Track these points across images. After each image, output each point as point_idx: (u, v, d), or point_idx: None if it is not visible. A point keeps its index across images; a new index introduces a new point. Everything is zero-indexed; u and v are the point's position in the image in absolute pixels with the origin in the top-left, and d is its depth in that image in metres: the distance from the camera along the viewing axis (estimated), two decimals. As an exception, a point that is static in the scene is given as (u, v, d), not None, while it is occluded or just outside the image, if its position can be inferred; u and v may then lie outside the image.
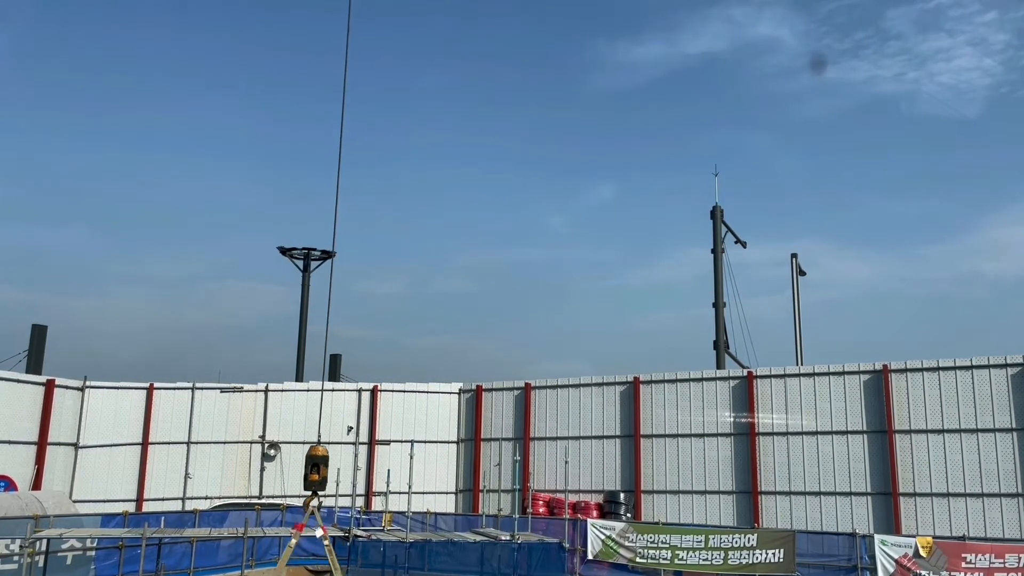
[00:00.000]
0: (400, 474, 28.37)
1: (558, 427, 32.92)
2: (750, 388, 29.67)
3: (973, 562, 20.62)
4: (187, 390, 33.31)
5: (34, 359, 31.63)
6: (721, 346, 36.52)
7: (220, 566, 24.25)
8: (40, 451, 29.42)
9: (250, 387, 34.03)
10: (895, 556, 21.18)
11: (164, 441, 32.51)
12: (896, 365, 27.81)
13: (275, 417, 33.79)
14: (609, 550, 23.84)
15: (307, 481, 13.94)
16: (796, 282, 38.68)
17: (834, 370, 28.74)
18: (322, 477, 14.02)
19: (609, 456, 31.79)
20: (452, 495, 34.21)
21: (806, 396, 28.93)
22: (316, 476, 14.00)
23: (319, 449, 14.10)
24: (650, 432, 31.12)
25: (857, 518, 27.22)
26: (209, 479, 32.54)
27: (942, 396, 27.03)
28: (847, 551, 21.78)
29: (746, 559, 22.21)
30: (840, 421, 28.31)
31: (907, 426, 27.30)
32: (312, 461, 13.99)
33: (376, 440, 33.98)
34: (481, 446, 34.12)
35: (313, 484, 14.04)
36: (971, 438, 26.49)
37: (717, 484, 29.74)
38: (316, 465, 14.00)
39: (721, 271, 37.37)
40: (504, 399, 34.34)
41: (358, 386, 34.89)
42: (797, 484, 28.51)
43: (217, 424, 33.17)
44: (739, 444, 29.64)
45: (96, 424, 31.59)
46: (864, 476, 27.68)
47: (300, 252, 41.58)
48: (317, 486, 14.08)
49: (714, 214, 37.98)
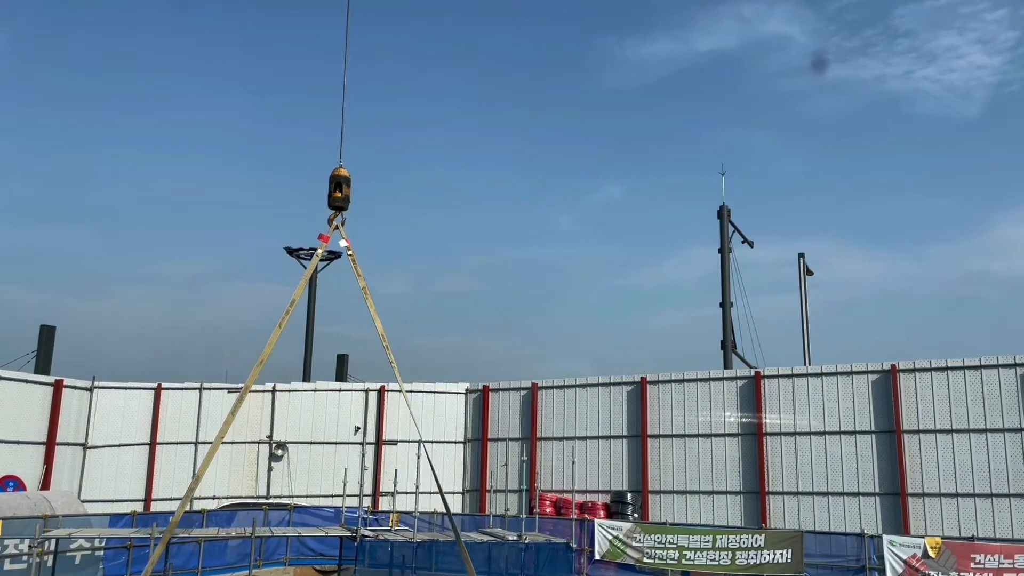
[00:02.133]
0: (407, 474, 28.36)
1: (565, 427, 32.90)
2: (758, 388, 29.61)
3: (982, 562, 20.53)
4: (195, 390, 33.40)
5: (42, 359, 31.73)
6: (728, 346, 36.44)
7: (228, 566, 24.31)
8: (49, 451, 29.54)
9: (257, 387, 34.10)
10: (904, 556, 21.11)
11: (172, 441, 32.61)
12: (904, 365, 27.71)
13: (282, 417, 33.87)
14: (616, 550, 23.81)
15: (331, 198, 14.79)
16: (803, 282, 38.56)
17: (842, 370, 28.66)
18: (344, 195, 14.84)
19: (616, 456, 31.76)
20: (459, 495, 34.22)
21: (814, 396, 28.85)
22: (339, 193, 14.79)
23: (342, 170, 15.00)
24: (657, 432, 31.08)
25: (865, 518, 27.14)
26: (217, 479, 32.61)
27: (951, 396, 26.93)
28: (855, 551, 21.71)
29: (754, 559, 22.15)
30: (848, 421, 28.24)
31: (916, 426, 27.21)
32: (336, 180, 14.81)
33: (383, 440, 34.03)
34: (488, 446, 34.12)
35: (336, 200, 14.82)
36: (980, 438, 26.38)
37: (725, 484, 29.68)
38: (339, 184, 14.75)
39: (728, 271, 37.29)
40: (511, 399, 34.34)
41: (365, 386, 34.94)
42: (805, 484, 28.44)
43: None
44: (747, 444, 29.59)
45: (104, 424, 31.70)
46: (872, 476, 27.59)
47: (307, 252, 41.66)
48: (341, 202, 14.87)
49: (721, 214, 37.90)
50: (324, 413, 34.18)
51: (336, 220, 14.80)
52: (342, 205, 14.73)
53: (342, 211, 14.78)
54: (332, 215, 14.84)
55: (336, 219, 14.80)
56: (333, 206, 14.72)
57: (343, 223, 14.79)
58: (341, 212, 14.79)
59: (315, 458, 33.63)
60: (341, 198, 14.72)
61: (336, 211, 14.76)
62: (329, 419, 34.12)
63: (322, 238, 14.76)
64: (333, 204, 14.72)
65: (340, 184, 14.75)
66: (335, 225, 14.81)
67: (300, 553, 26.46)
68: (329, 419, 34.12)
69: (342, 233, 14.79)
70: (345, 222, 14.77)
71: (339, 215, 14.81)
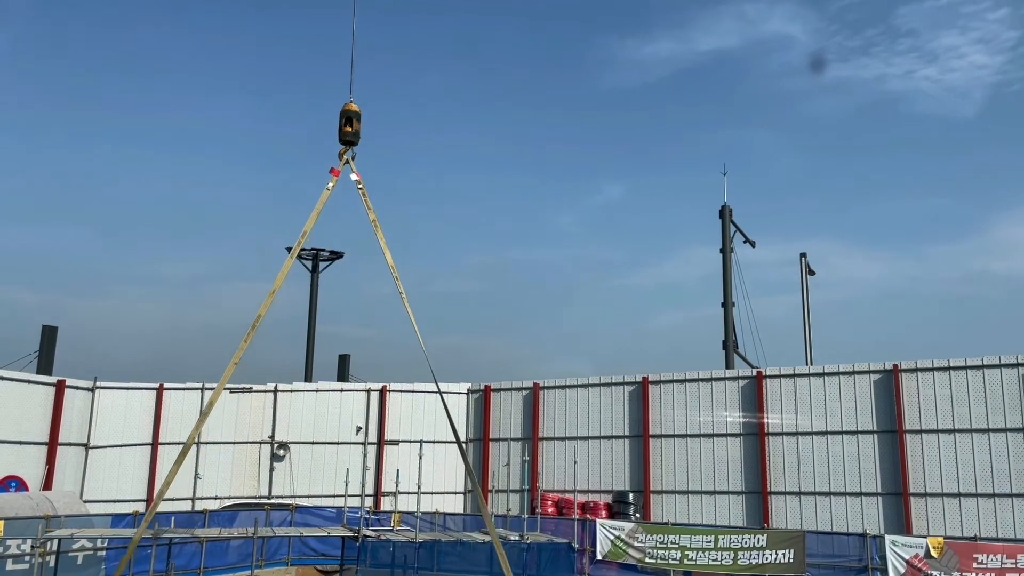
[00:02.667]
0: (409, 474, 28.37)
1: (567, 427, 32.90)
2: (759, 388, 29.60)
3: (985, 562, 20.50)
4: (196, 390, 33.41)
5: (44, 360, 31.77)
6: (730, 346, 36.44)
7: (230, 566, 24.31)
8: (51, 451, 29.56)
9: (259, 387, 34.13)
10: (906, 556, 21.08)
11: (174, 441, 32.59)
12: (906, 365, 27.69)
13: (284, 417, 33.88)
14: (618, 550, 23.80)
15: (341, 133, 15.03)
16: (805, 281, 38.55)
17: (844, 370, 28.65)
18: (355, 130, 15.08)
19: (618, 456, 31.75)
20: (461, 495, 34.23)
21: (816, 396, 28.84)
22: (349, 128, 15.00)
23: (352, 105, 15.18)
24: (659, 432, 31.07)
25: (867, 518, 27.13)
26: (219, 479, 32.64)
27: (953, 396, 26.91)
28: (858, 551, 21.68)
29: (756, 559, 22.14)
30: (850, 421, 28.22)
31: (918, 426, 27.19)
32: (346, 115, 15.01)
33: (385, 440, 34.03)
34: (490, 446, 34.12)
35: (347, 134, 15.03)
36: (982, 438, 26.36)
37: (727, 484, 29.67)
38: (350, 119, 14.92)
39: (730, 271, 37.29)
40: (513, 399, 34.34)
41: (367, 386, 34.95)
42: (807, 484, 28.42)
43: (226, 424, 33.27)
44: (749, 444, 29.57)
45: (106, 424, 31.73)
46: (874, 476, 27.58)
47: (309, 252, 41.67)
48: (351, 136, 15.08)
49: (723, 213, 37.90)
50: (326, 413, 34.20)
51: (347, 155, 15.06)
52: (352, 139, 15.01)
53: (352, 145, 15.05)
54: (343, 150, 15.09)
55: (347, 154, 15.06)
56: (343, 140, 14.99)
57: (353, 157, 15.06)
58: (351, 147, 15.06)
59: (317, 458, 33.65)
60: (351, 133, 14.99)
61: (347, 146, 15.02)
62: (331, 419, 34.14)
63: (333, 172, 14.98)
64: (344, 139, 15.00)
65: (350, 119, 15.03)
66: (345, 159, 15.05)
67: (302, 553, 26.47)
68: (331, 419, 34.14)
69: (352, 167, 15.08)
70: (355, 156, 15.01)
71: (349, 150, 15.08)
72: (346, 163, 15.03)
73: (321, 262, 41.87)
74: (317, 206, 14.57)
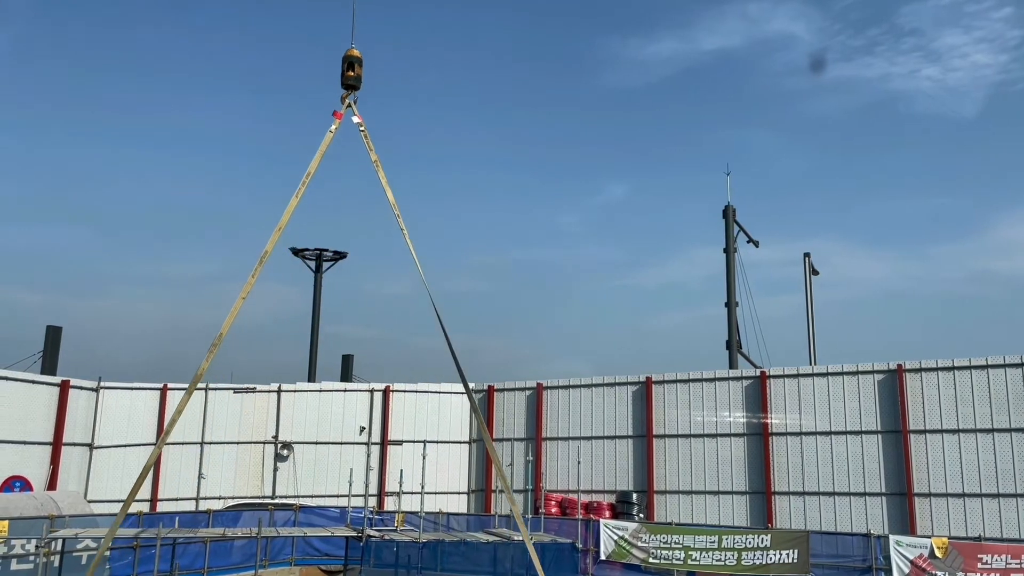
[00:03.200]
0: (412, 474, 28.40)
1: (570, 427, 32.89)
2: (763, 388, 29.57)
3: (989, 563, 20.46)
4: (200, 391, 33.40)
5: (49, 360, 31.81)
6: (734, 346, 36.40)
7: (233, 566, 24.34)
8: (55, 451, 29.60)
9: (263, 387, 34.16)
10: (910, 557, 21.05)
11: (178, 441, 32.63)
12: (911, 365, 27.64)
13: (288, 417, 33.91)
14: (622, 550, 23.79)
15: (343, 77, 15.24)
16: (809, 281, 38.51)
17: (848, 370, 28.60)
18: (356, 75, 15.33)
19: (621, 456, 31.74)
20: (464, 495, 34.23)
21: (820, 396, 28.80)
22: (351, 73, 15.25)
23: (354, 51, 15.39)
24: (663, 432, 31.05)
25: (872, 518, 27.08)
26: (222, 479, 32.67)
27: (957, 396, 26.86)
28: (862, 552, 21.66)
29: (760, 560, 22.12)
30: (854, 421, 28.17)
31: (922, 426, 27.14)
32: (348, 60, 15.24)
33: (388, 440, 34.04)
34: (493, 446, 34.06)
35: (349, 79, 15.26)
36: (987, 438, 26.31)
37: (730, 484, 29.64)
38: (352, 64, 15.11)
39: (734, 270, 37.26)
40: (516, 399, 34.33)
41: (370, 386, 34.96)
42: (811, 484, 28.39)
43: (230, 424, 33.31)
44: (752, 444, 29.54)
45: (110, 424, 31.77)
46: (879, 476, 27.53)
47: (312, 253, 41.69)
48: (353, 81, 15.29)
49: (726, 213, 37.86)
50: (329, 413, 34.22)
51: (348, 99, 15.20)
52: (354, 84, 15.16)
53: (354, 90, 15.20)
54: (344, 94, 15.22)
55: (348, 98, 15.20)
56: (346, 85, 15.14)
57: (355, 102, 15.20)
58: (353, 91, 15.21)
59: (320, 458, 33.67)
60: (353, 77, 15.13)
61: (348, 90, 15.16)
62: (334, 419, 34.17)
63: (336, 115, 15.16)
64: (346, 83, 15.15)
65: (352, 64, 15.12)
66: (347, 103, 15.18)
67: (306, 553, 26.50)
68: (334, 419, 34.17)
69: (354, 111, 15.25)
70: (357, 100, 15.15)
71: (351, 94, 15.23)
72: (348, 107, 15.21)
73: (324, 262, 41.89)
74: (321, 147, 14.84)
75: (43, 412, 29.52)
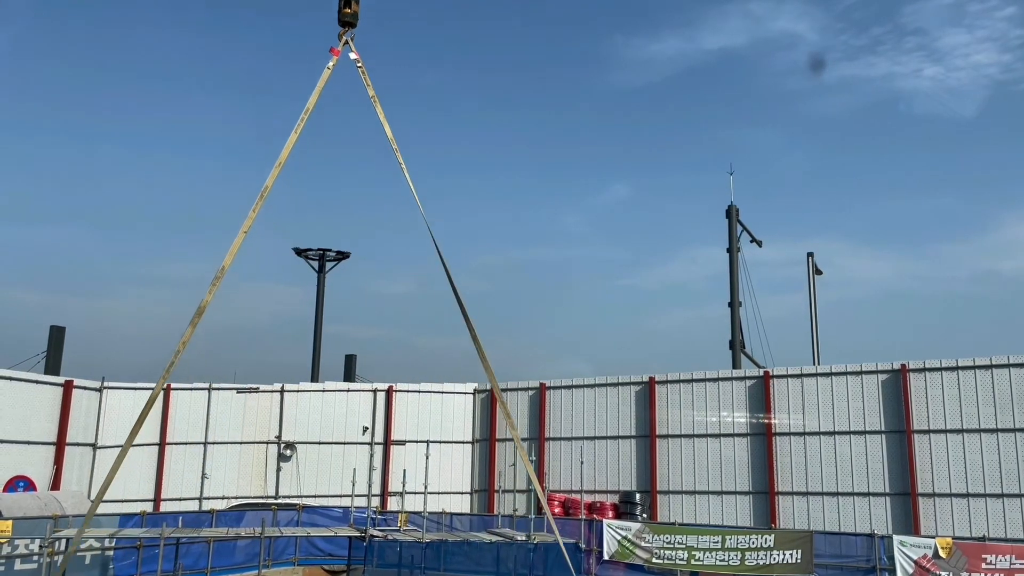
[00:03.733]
0: (415, 474, 28.34)
1: (573, 427, 32.88)
2: (767, 388, 29.54)
3: (993, 563, 20.43)
4: (204, 391, 33.47)
5: (52, 360, 31.85)
6: (737, 346, 36.37)
7: (237, 566, 24.36)
8: (59, 451, 29.64)
9: (266, 387, 34.20)
10: (914, 557, 21.02)
11: (181, 441, 32.70)
12: (914, 364, 27.60)
13: (291, 417, 33.93)
14: (625, 551, 23.78)
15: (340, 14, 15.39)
16: (812, 281, 38.48)
17: (851, 370, 28.57)
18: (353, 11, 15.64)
19: (624, 456, 31.72)
20: (467, 495, 34.24)
21: (823, 396, 28.77)
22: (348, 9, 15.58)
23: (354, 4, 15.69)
24: (666, 432, 31.03)
25: (875, 519, 27.05)
26: (226, 479, 32.71)
27: (961, 396, 26.82)
28: (865, 552, 21.63)
29: (763, 560, 22.09)
30: (858, 421, 28.14)
31: (926, 426, 27.10)
32: None
33: (391, 440, 34.06)
34: (496, 446, 34.12)
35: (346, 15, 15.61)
36: (991, 438, 26.26)
37: (734, 484, 29.61)
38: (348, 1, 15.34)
39: (737, 270, 37.23)
40: (519, 399, 34.33)
41: (373, 386, 34.99)
42: (814, 484, 28.35)
43: (233, 424, 33.34)
44: (756, 444, 29.51)
45: (114, 424, 31.77)
46: (882, 476, 27.50)
47: (315, 253, 41.73)
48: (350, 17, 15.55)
49: (730, 213, 37.83)
50: (332, 413, 34.24)
51: (346, 35, 15.37)
52: (351, 20, 15.33)
53: (351, 27, 15.36)
54: (342, 31, 15.37)
55: (346, 35, 15.37)
56: (343, 22, 15.30)
57: (352, 38, 15.37)
58: (351, 28, 15.38)
59: (323, 458, 33.69)
60: (350, 14, 15.31)
61: (345, 27, 15.33)
62: (337, 419, 34.19)
63: (333, 51, 15.32)
64: (343, 20, 15.31)
65: (349, 0, 15.24)
66: (344, 40, 15.32)
67: (309, 553, 26.51)
68: (337, 419, 34.19)
69: (352, 47, 15.43)
70: (354, 37, 15.32)
71: (348, 31, 15.39)
72: (345, 44, 15.40)
73: (328, 262, 41.93)
74: (319, 84, 14.98)
75: (46, 412, 29.56)
